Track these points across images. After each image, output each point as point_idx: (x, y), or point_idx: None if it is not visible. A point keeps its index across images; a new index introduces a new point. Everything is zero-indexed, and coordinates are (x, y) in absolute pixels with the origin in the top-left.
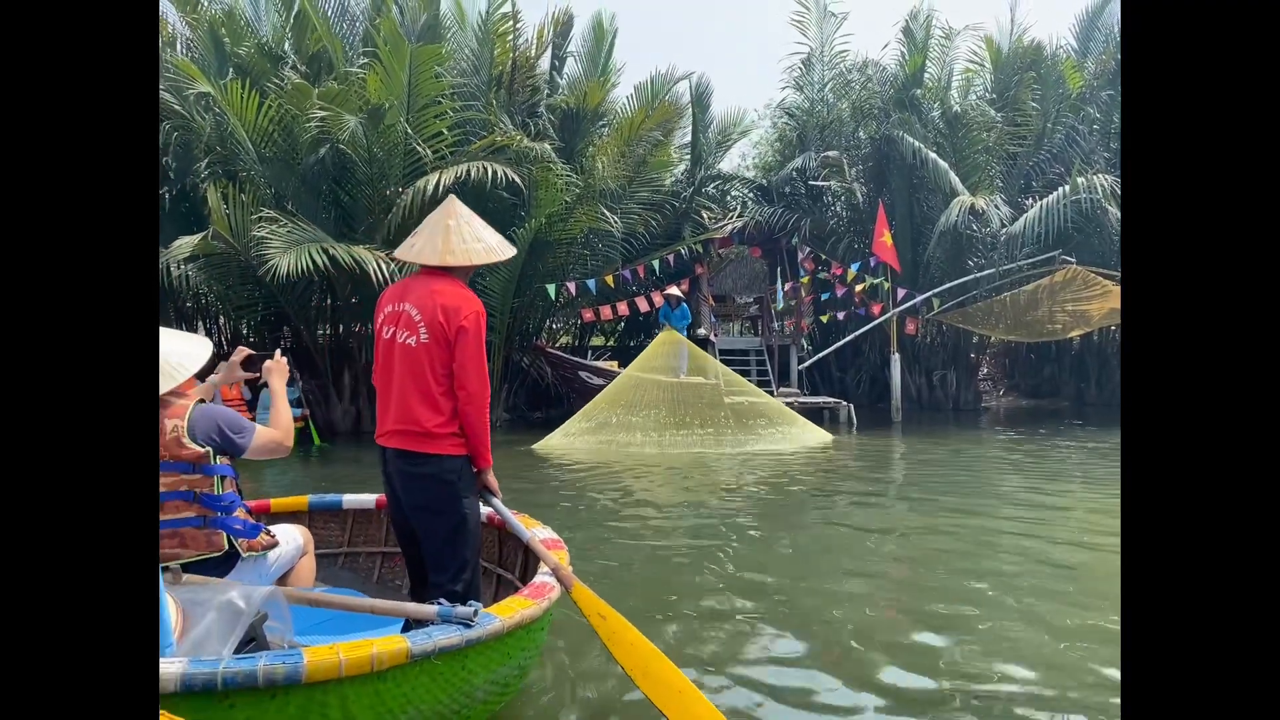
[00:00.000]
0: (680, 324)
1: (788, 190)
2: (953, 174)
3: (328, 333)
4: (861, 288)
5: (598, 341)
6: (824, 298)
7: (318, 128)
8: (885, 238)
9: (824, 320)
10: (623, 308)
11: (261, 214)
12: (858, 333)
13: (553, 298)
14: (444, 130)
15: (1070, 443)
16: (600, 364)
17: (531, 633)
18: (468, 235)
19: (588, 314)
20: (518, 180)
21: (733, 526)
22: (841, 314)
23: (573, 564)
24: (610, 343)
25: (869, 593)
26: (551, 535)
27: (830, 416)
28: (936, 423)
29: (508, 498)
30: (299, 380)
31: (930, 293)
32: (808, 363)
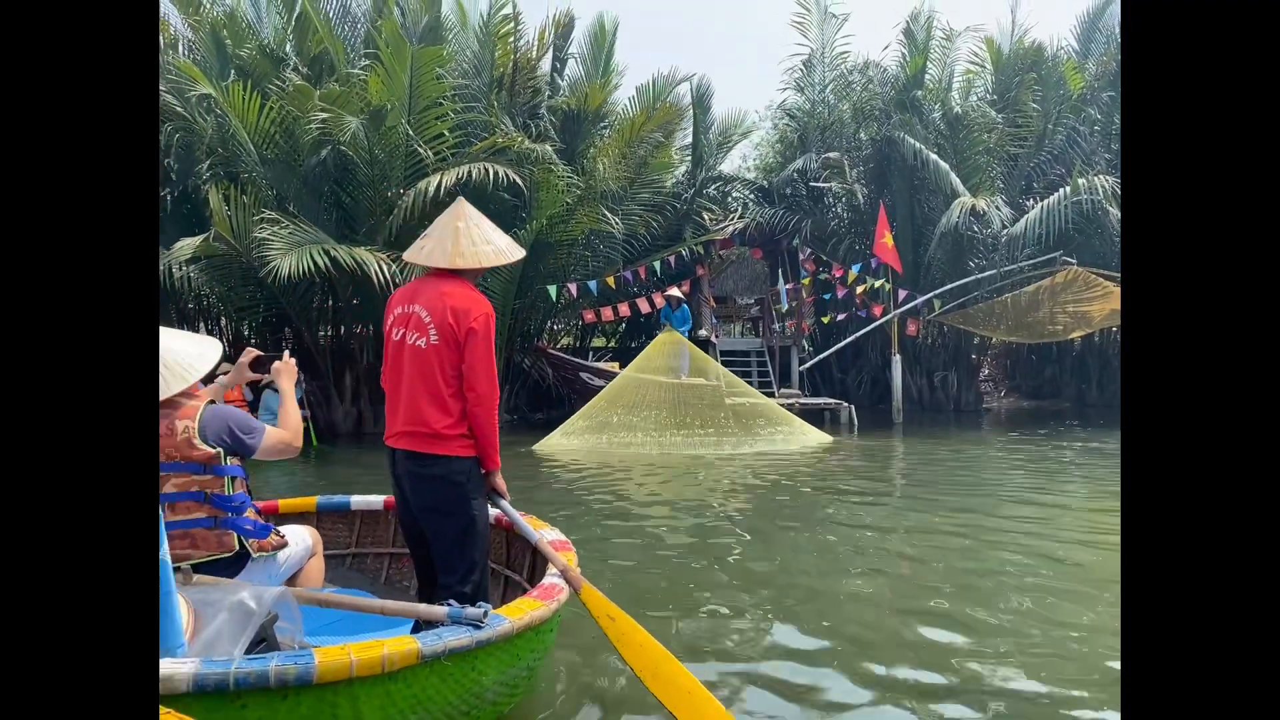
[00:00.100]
0: (680, 325)
1: (789, 191)
2: (954, 175)
3: (329, 334)
4: (862, 289)
5: (599, 343)
6: (825, 299)
7: (319, 129)
8: (886, 239)
9: (825, 321)
10: (624, 309)
11: (263, 215)
12: (859, 334)
13: (554, 299)
14: (445, 132)
15: (1071, 443)
16: (601, 365)
17: (540, 634)
18: (477, 237)
19: (589, 315)
20: (519, 181)
21: (735, 526)
22: (842, 315)
23: (579, 565)
24: (611, 344)
25: (872, 591)
26: (559, 537)
27: (831, 418)
28: (938, 424)
29: (512, 499)
30: (302, 381)
31: (931, 294)
32: (809, 364)
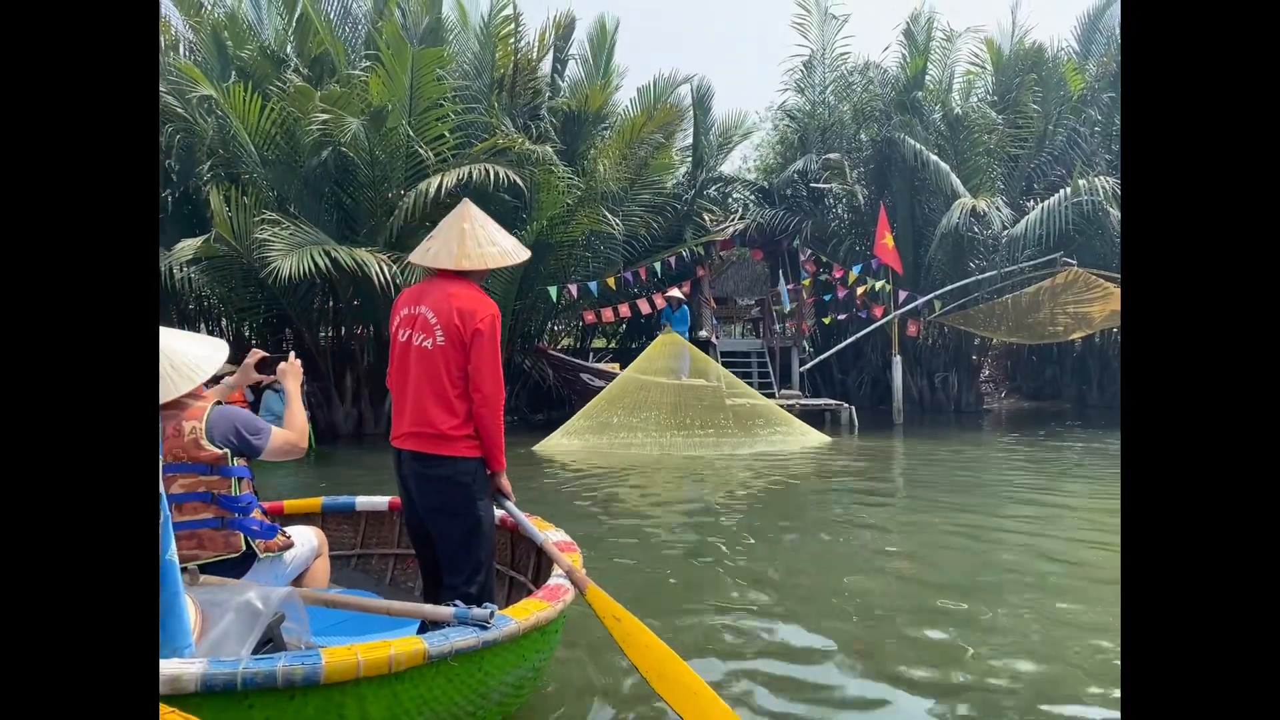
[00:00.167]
0: (679, 325)
1: (789, 192)
2: (954, 176)
3: (329, 335)
4: (863, 290)
5: (599, 344)
6: (825, 300)
7: (320, 130)
8: (887, 240)
9: (825, 322)
10: (624, 310)
11: (264, 216)
12: (859, 335)
13: (554, 300)
14: (446, 133)
15: (1072, 444)
16: (602, 366)
17: (546, 635)
18: (483, 239)
19: (589, 316)
20: (519, 182)
21: (736, 526)
22: (843, 316)
23: (584, 566)
24: (612, 345)
25: (874, 590)
26: (564, 537)
27: (832, 419)
28: (938, 425)
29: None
30: (305, 382)
31: (932, 295)
32: (809, 365)
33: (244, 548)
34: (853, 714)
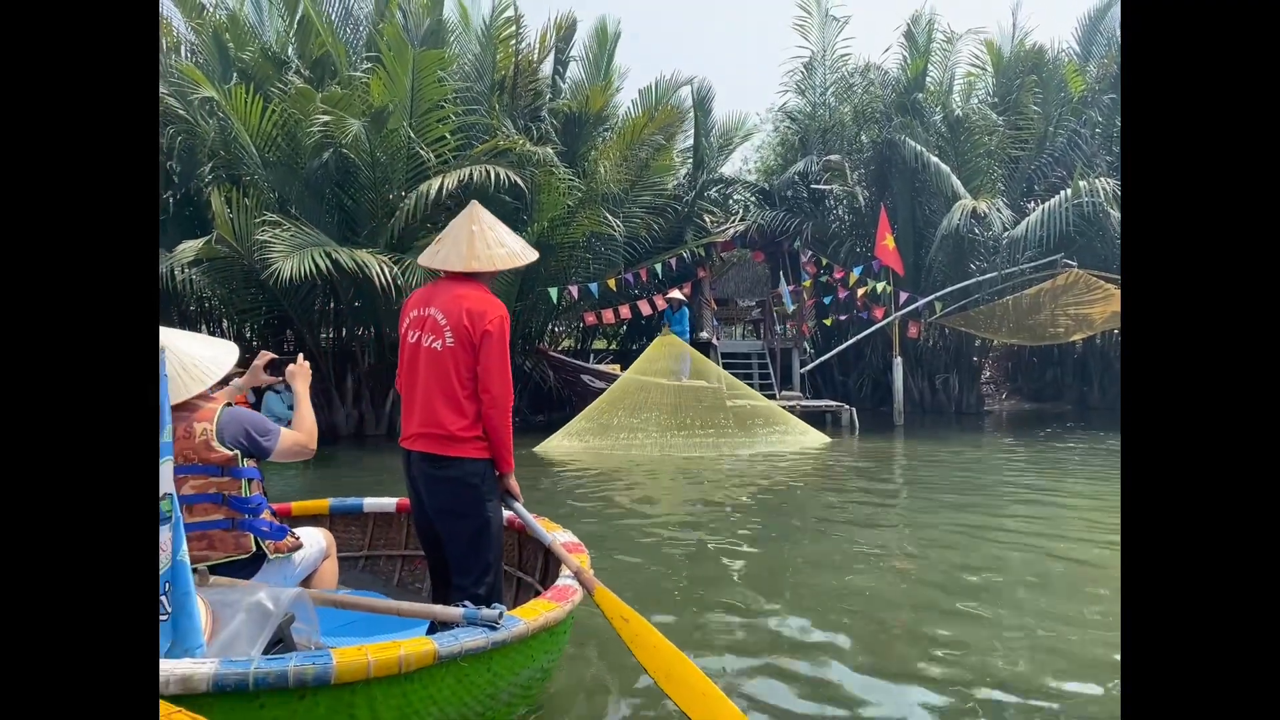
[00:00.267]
0: (680, 327)
1: (790, 194)
2: (955, 178)
3: (330, 336)
4: (864, 291)
5: (600, 345)
6: (826, 301)
7: (321, 132)
8: (888, 241)
9: (826, 324)
10: (625, 311)
11: (265, 218)
12: (860, 336)
13: (555, 301)
14: (447, 134)
15: (1073, 445)
16: (602, 367)
17: (555, 635)
18: (491, 241)
19: (590, 318)
20: (520, 184)
21: (738, 526)
22: (844, 317)
23: (592, 567)
24: (613, 346)
25: (877, 589)
26: (572, 539)
27: (832, 420)
28: (939, 426)
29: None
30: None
31: (932, 296)
32: (810, 366)
33: (254, 549)
34: (858, 712)
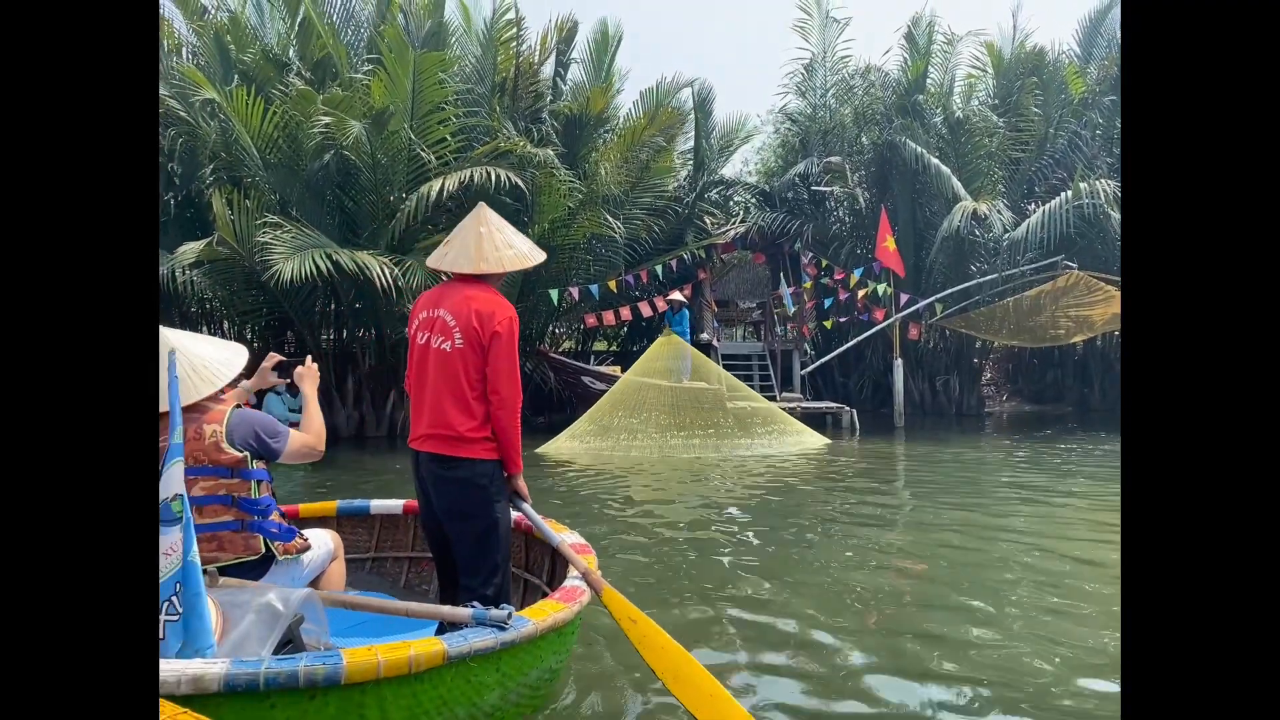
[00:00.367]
0: (679, 329)
1: (790, 196)
2: (955, 179)
3: (331, 338)
4: (864, 293)
5: (600, 346)
6: (827, 303)
7: (322, 134)
8: (888, 243)
9: (827, 326)
10: (625, 313)
11: (266, 220)
12: (860, 338)
13: (555, 303)
14: (448, 136)
15: (1073, 446)
16: (603, 369)
17: (563, 636)
18: (500, 242)
19: (590, 319)
20: (521, 185)
21: (741, 527)
22: (844, 319)
23: (599, 568)
24: (613, 348)
25: (881, 587)
26: (579, 540)
27: (833, 422)
28: (940, 427)
29: None
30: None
31: (933, 298)
32: (810, 368)
33: (263, 550)
34: (863, 709)
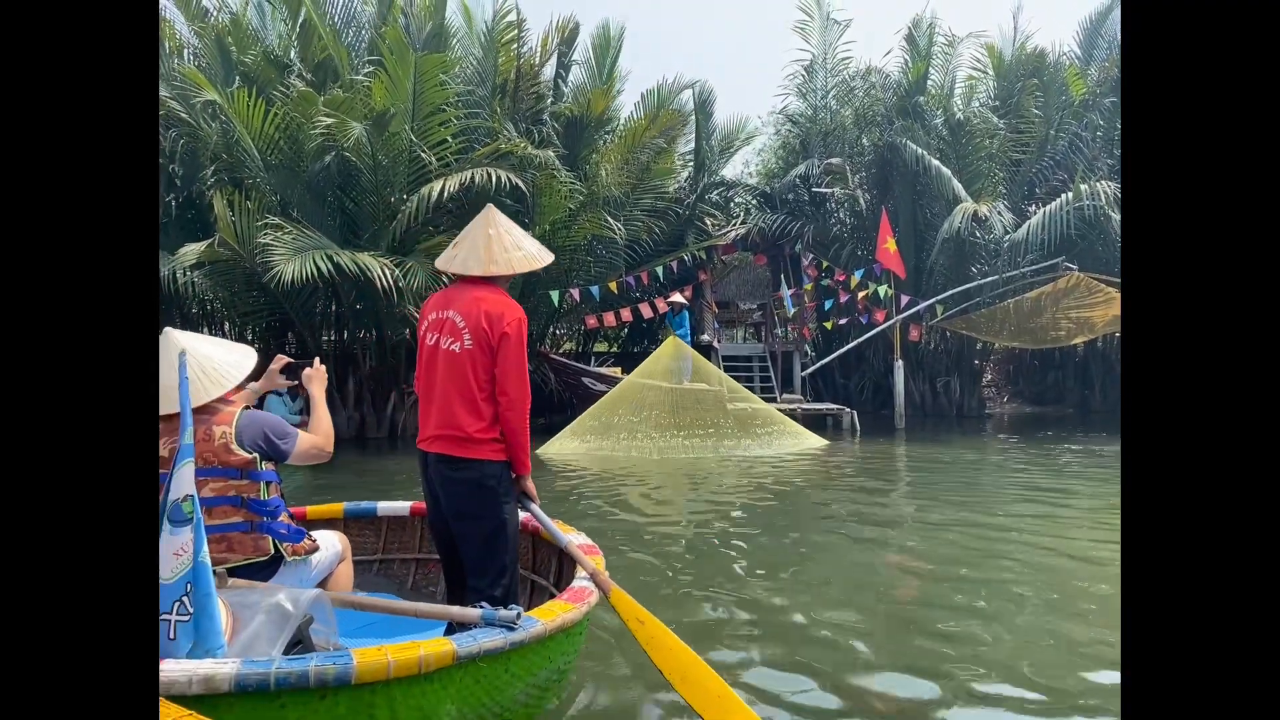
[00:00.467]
0: (680, 331)
1: (791, 197)
2: (956, 181)
3: (331, 339)
4: (865, 294)
5: (601, 348)
6: (827, 305)
7: (323, 135)
8: (889, 245)
9: (827, 327)
10: (626, 314)
11: (267, 221)
12: (861, 339)
13: (556, 304)
14: (448, 138)
15: (1074, 448)
16: (604, 370)
17: (571, 637)
18: (509, 244)
19: (591, 320)
20: (522, 187)
21: (742, 527)
22: (844, 321)
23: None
24: (614, 349)
25: (882, 587)
26: (587, 541)
27: (834, 423)
28: (940, 429)
29: None
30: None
31: (934, 299)
32: (811, 369)
33: (272, 551)
34: (869, 704)
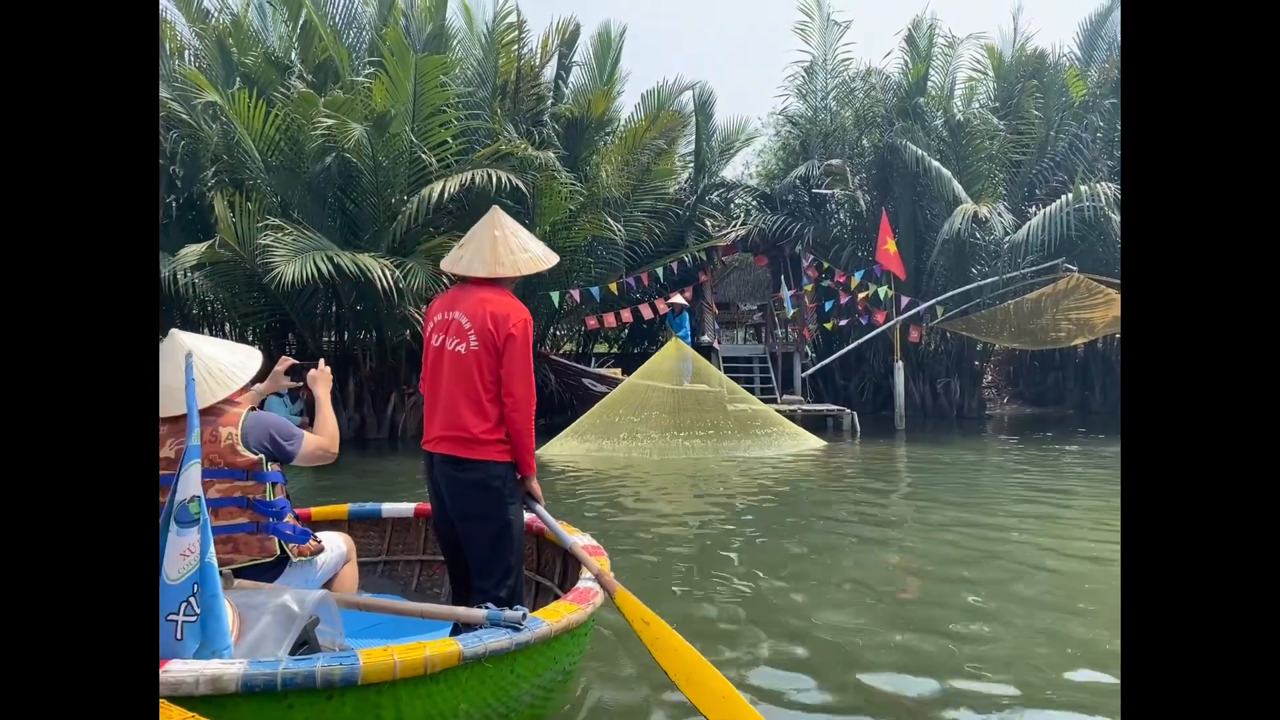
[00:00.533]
0: (680, 332)
1: (791, 198)
2: (956, 182)
3: (332, 340)
4: (865, 295)
5: (601, 349)
6: (827, 306)
7: (323, 136)
8: (889, 246)
9: (827, 328)
10: (626, 315)
11: (267, 222)
12: (861, 340)
13: (556, 305)
14: (449, 139)
15: (1074, 449)
16: (604, 371)
17: (576, 637)
18: (514, 246)
19: (591, 321)
20: (522, 188)
21: (742, 528)
22: (845, 322)
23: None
24: (614, 350)
25: (884, 586)
26: (592, 542)
27: (834, 424)
28: (940, 430)
29: None
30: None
31: (934, 300)
32: (811, 370)
33: (278, 552)
34: (871, 707)
